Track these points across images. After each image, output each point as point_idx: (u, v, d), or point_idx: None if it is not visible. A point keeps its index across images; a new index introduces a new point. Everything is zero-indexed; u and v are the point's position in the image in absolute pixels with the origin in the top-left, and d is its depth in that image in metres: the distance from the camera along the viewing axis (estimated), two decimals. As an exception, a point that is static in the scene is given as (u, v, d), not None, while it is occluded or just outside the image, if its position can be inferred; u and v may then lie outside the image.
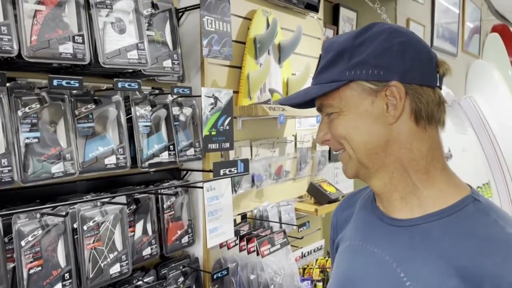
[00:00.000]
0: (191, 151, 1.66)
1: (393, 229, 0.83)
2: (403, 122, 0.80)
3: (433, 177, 0.81)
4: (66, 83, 1.17)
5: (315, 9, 2.36)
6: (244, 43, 1.97)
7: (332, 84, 0.81)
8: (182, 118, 1.65)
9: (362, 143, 0.81)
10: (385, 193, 0.85)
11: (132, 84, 1.32)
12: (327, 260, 2.31)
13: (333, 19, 2.98)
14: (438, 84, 0.82)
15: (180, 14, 1.68)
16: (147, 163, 1.48)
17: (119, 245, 1.41)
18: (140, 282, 1.54)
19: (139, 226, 1.53)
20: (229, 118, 1.73)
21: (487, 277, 0.69)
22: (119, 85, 1.30)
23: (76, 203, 1.30)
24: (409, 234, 0.80)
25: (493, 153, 4.34)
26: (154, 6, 1.51)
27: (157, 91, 1.59)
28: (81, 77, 1.20)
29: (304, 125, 2.40)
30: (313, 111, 0.94)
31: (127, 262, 1.42)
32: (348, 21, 3.08)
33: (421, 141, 0.81)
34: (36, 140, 1.19)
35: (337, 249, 0.99)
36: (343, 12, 3.01)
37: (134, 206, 1.52)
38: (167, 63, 1.53)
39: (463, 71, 5.38)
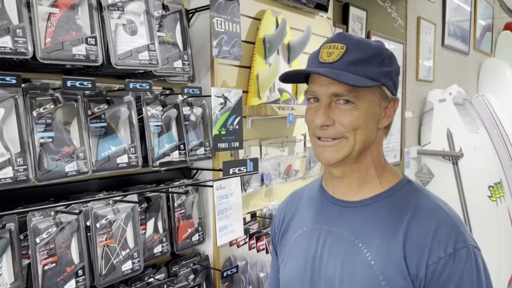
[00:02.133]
0: (201, 151, 1.68)
1: (348, 210, 0.98)
2: (381, 129, 0.98)
3: (384, 169, 1.00)
4: (79, 84, 1.20)
5: (324, 8, 2.37)
6: (254, 43, 1.98)
7: (374, 82, 0.90)
8: (192, 118, 1.67)
9: (365, 137, 0.93)
10: (347, 180, 0.98)
11: (143, 85, 1.35)
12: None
13: (343, 18, 2.98)
14: None
15: (190, 15, 1.70)
16: (158, 162, 1.50)
17: (131, 243, 1.44)
18: (151, 279, 1.56)
19: (150, 224, 1.56)
20: (238, 118, 1.75)
21: (416, 236, 0.88)
22: (131, 85, 1.32)
23: (89, 201, 1.33)
24: (362, 213, 0.96)
25: (505, 152, 4.30)
26: (164, 7, 1.54)
27: (167, 91, 1.61)
28: (93, 78, 1.23)
29: (314, 124, 2.40)
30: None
31: (138, 259, 1.45)
32: (357, 20, 3.08)
33: (381, 143, 1.01)
34: (51, 139, 1.22)
35: (281, 238, 1.12)
36: (353, 11, 3.00)
37: (146, 205, 1.54)
38: (178, 63, 1.55)
39: (475, 70, 5.33)
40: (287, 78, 1.01)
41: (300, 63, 2.25)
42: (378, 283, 0.88)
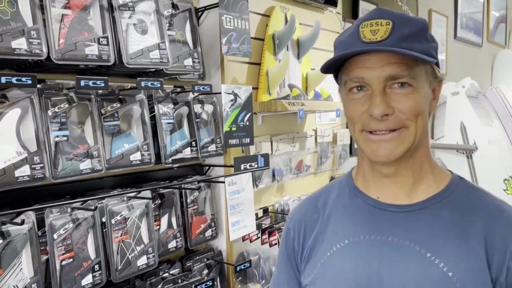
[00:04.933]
0: (212, 147, 1.70)
1: (404, 216, 0.84)
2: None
3: (432, 163, 0.88)
4: (93, 83, 1.22)
5: (333, 3, 2.37)
6: (263, 39, 1.99)
7: (431, 58, 0.78)
8: (203, 115, 1.69)
9: (425, 124, 0.82)
10: (400, 180, 0.85)
11: (155, 83, 1.37)
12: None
13: (353, 13, 2.97)
14: None
15: (200, 13, 1.72)
16: (170, 159, 1.53)
17: (145, 238, 1.46)
18: (166, 274, 1.59)
19: (164, 220, 1.58)
20: (249, 114, 1.76)
21: (498, 239, 0.78)
22: (143, 84, 1.35)
23: (104, 197, 1.36)
24: (423, 217, 0.83)
25: (520, 145, 4.23)
26: (174, 6, 1.56)
27: (178, 89, 1.63)
28: (106, 77, 1.26)
29: (324, 119, 2.41)
30: (333, 105, 0.92)
31: (153, 254, 1.47)
32: (367, 14, 3.06)
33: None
34: (65, 138, 1.25)
35: (307, 255, 0.93)
36: (363, 5, 2.99)
37: (159, 201, 1.57)
38: (188, 61, 1.57)
39: (488, 62, 5.25)
40: (328, 68, 0.85)
41: (310, 59, 2.25)
42: None
